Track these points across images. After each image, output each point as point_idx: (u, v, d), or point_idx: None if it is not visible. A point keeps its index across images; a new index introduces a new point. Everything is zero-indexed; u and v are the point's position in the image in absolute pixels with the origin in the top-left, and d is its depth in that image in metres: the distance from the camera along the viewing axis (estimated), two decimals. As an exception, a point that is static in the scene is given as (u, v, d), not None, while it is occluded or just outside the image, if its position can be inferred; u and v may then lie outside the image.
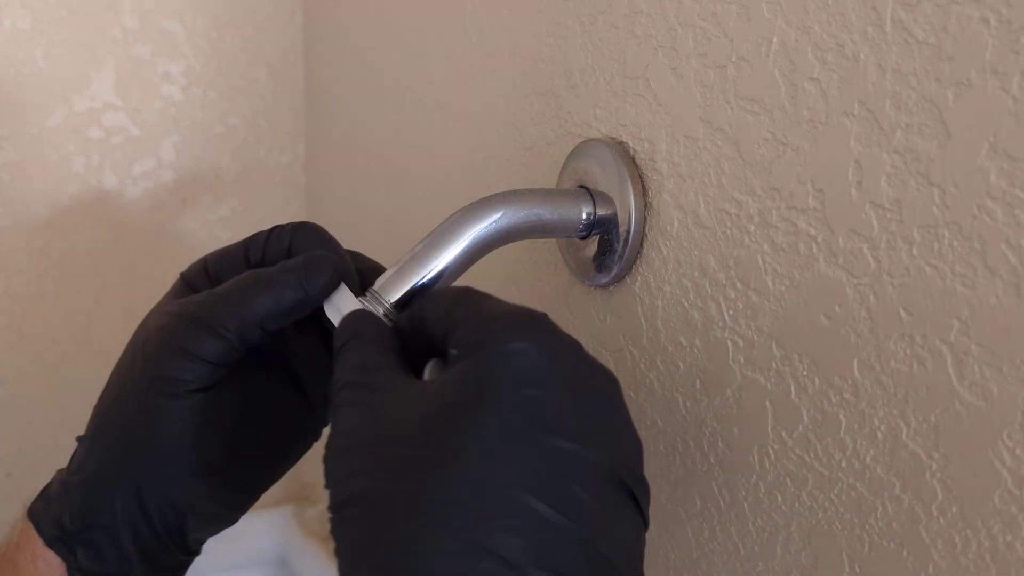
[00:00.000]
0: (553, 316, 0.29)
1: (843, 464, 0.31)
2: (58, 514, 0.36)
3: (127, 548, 0.36)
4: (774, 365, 0.33)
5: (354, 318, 0.33)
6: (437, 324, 0.30)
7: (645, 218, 0.38)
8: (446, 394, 0.27)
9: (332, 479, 0.28)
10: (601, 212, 0.39)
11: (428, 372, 0.31)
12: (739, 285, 0.34)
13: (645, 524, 0.28)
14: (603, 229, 0.39)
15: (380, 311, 0.34)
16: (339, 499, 0.27)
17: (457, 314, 0.29)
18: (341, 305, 0.35)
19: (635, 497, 0.27)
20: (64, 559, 0.36)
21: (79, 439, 0.38)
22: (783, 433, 0.33)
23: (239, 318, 0.35)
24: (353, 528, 0.26)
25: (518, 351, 0.27)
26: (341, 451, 0.28)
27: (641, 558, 0.27)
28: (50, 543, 0.36)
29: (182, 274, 0.40)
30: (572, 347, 0.28)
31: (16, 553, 0.37)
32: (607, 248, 0.39)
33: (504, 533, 0.24)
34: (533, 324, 0.28)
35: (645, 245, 0.39)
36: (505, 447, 0.25)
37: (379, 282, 0.35)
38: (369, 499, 0.26)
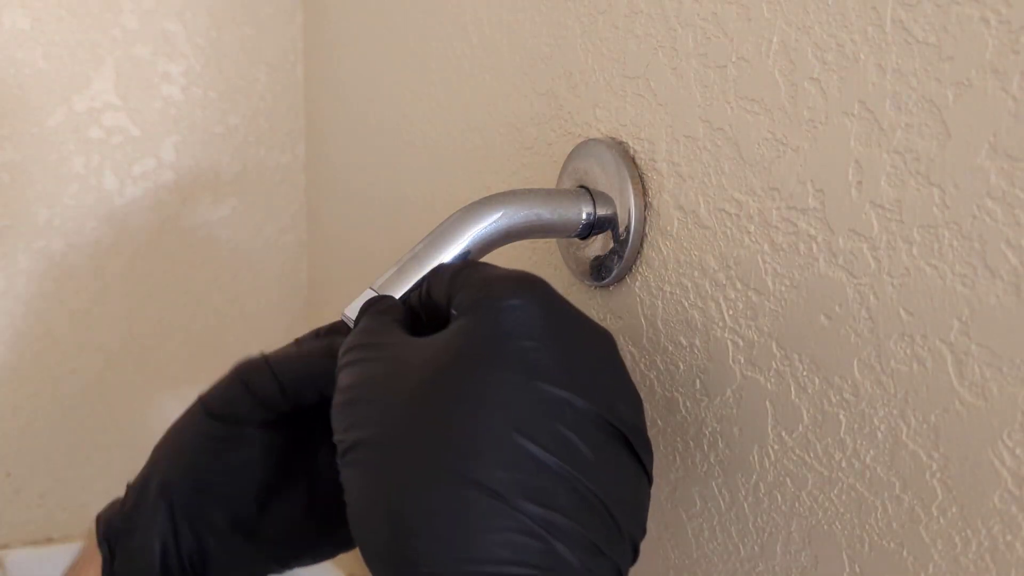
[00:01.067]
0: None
1: (843, 464, 0.31)
2: (113, 514, 0.38)
3: (154, 561, 0.36)
4: (774, 365, 0.33)
5: (369, 301, 0.34)
6: (441, 294, 0.31)
7: (645, 218, 0.38)
8: (443, 346, 0.28)
9: (338, 430, 0.29)
10: (601, 212, 0.39)
11: None
12: (739, 285, 0.34)
13: (648, 478, 0.29)
14: (603, 229, 0.39)
15: None
16: (344, 447, 0.29)
17: (459, 281, 0.31)
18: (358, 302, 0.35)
19: (635, 451, 0.28)
20: (103, 557, 0.37)
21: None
22: (783, 433, 0.33)
23: (301, 374, 0.37)
24: (356, 471, 0.28)
25: (515, 307, 0.28)
26: (345, 404, 0.29)
27: (643, 512, 0.29)
28: (99, 541, 0.38)
29: None
30: (567, 306, 0.30)
31: (86, 552, 0.39)
32: (607, 248, 0.39)
33: (493, 467, 0.26)
34: (530, 283, 0.29)
35: (645, 245, 0.39)
36: (497, 392, 0.27)
37: (379, 281, 0.35)
38: (370, 443, 0.28)
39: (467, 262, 0.32)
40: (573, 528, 0.26)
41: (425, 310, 0.33)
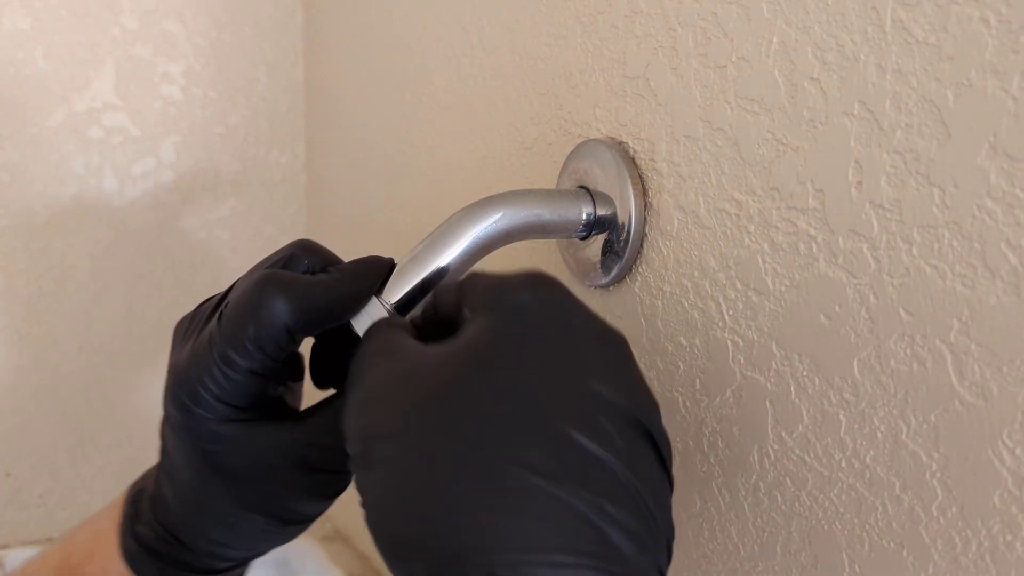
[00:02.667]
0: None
1: (843, 464, 0.31)
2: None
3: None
4: (774, 365, 0.33)
5: (378, 322, 0.33)
6: (451, 305, 0.30)
7: (645, 218, 0.38)
8: (464, 342, 0.28)
9: (353, 432, 0.28)
10: (601, 212, 0.39)
11: None
12: (739, 285, 0.34)
13: (670, 481, 0.28)
14: (603, 229, 0.39)
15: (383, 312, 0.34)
16: (360, 448, 0.27)
17: (467, 287, 0.30)
18: (365, 315, 0.34)
19: (660, 452, 0.27)
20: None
21: None
22: (783, 433, 0.33)
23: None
24: (379, 469, 0.26)
25: (532, 300, 0.28)
26: (360, 404, 0.28)
27: (671, 515, 0.27)
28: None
29: None
30: (584, 305, 0.29)
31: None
32: (607, 248, 0.39)
33: (534, 452, 0.24)
34: (544, 278, 0.29)
35: (645, 245, 0.39)
36: (529, 382, 0.26)
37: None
38: (394, 437, 0.26)
39: (470, 273, 0.31)
40: (622, 515, 0.24)
41: (433, 327, 0.32)
